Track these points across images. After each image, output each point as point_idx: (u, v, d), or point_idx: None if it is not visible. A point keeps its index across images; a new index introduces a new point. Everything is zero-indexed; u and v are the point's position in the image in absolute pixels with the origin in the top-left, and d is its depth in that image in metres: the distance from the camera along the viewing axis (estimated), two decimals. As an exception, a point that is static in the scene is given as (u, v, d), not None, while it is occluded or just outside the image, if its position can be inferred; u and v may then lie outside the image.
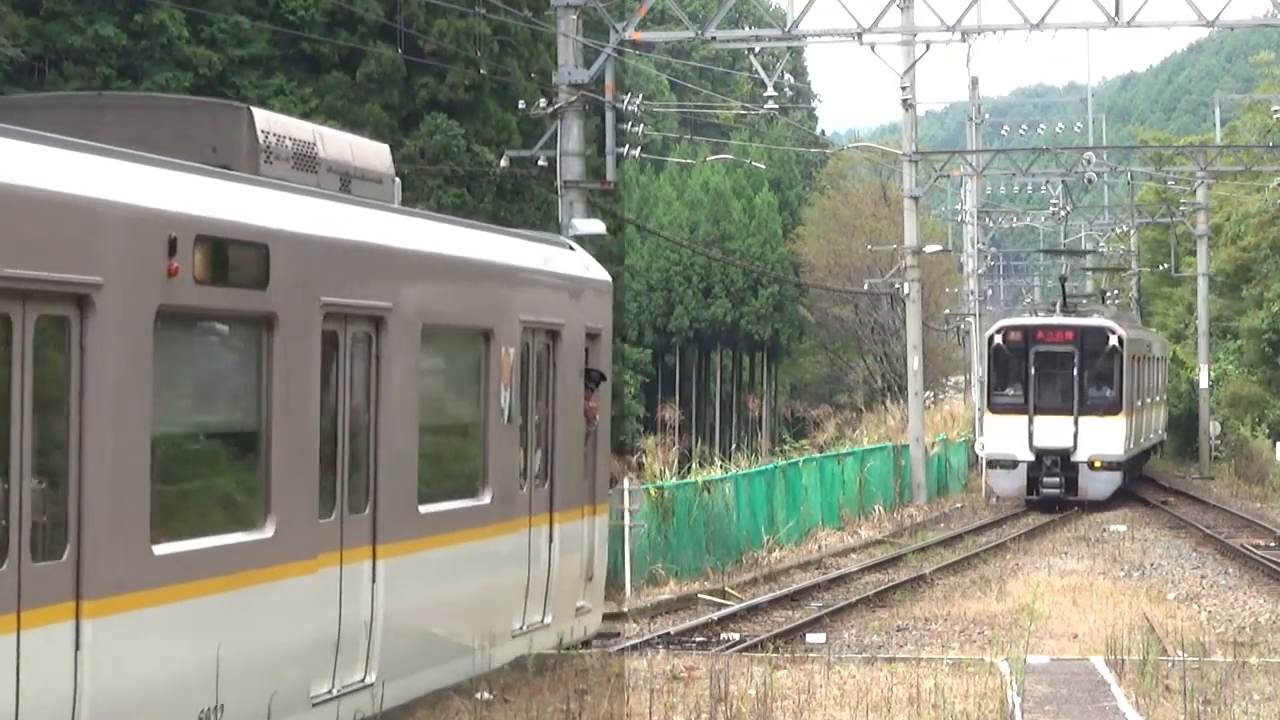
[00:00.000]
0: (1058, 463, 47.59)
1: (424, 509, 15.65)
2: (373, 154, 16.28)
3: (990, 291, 60.69)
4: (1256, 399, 70.81)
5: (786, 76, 42.15)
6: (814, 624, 27.70)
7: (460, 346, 17.16)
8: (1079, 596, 29.96)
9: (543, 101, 31.77)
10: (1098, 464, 47.49)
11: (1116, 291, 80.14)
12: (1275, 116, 61.46)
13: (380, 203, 15.90)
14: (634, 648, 24.13)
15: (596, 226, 30.19)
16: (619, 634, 26.41)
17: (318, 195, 14.74)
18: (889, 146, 74.74)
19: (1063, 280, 57.53)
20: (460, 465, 17.17)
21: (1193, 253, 72.73)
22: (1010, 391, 48.45)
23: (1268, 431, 65.77)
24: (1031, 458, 47.68)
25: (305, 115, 73.14)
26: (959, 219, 68.19)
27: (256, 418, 13.34)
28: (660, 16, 69.41)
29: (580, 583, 19.92)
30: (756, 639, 25.39)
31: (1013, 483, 48.24)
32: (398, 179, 16.97)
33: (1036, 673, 20.26)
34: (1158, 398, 58.77)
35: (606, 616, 28.16)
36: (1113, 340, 48.09)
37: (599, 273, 20.71)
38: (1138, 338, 52.81)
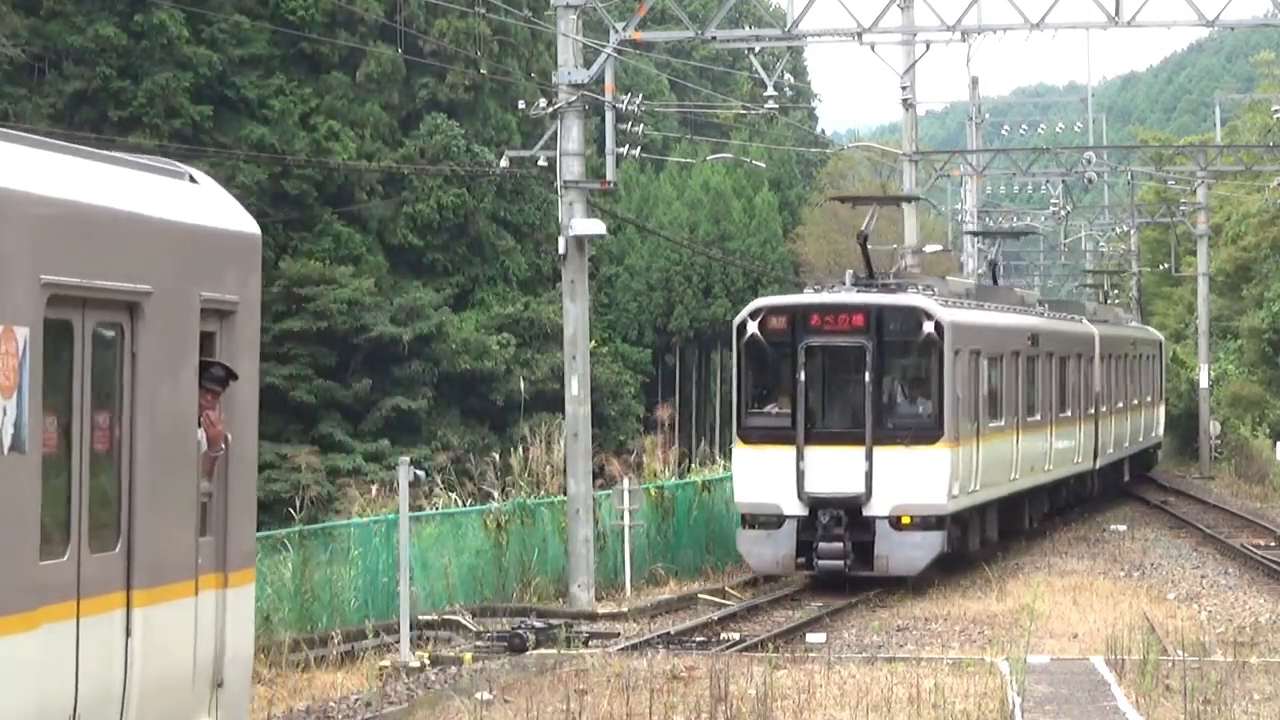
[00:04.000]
0: (841, 519, 30.73)
1: None
2: None
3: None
4: (1256, 399, 70.78)
5: (786, 76, 42.13)
6: (814, 624, 27.71)
7: None
8: (1079, 596, 29.97)
9: (542, 101, 31.77)
10: (905, 520, 30.79)
11: (1117, 291, 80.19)
12: (1275, 116, 61.46)
13: None
14: (634, 648, 24.14)
15: (596, 227, 30.22)
16: (619, 634, 26.45)
17: None
18: (889, 146, 74.71)
19: (862, 239, 34.87)
20: None
21: (1193, 253, 72.72)
22: (771, 409, 31.87)
23: (1268, 431, 65.73)
24: (803, 511, 30.92)
25: (305, 115, 73.09)
26: (959, 219, 68.19)
27: None
28: (660, 16, 69.39)
29: (199, 692, 13.18)
30: (756, 639, 25.42)
31: (774, 550, 31.22)
32: None
33: (1036, 672, 20.28)
34: (1065, 412, 41.18)
35: (605, 617, 28.25)
36: (928, 327, 31.34)
37: (237, 219, 13.77)
38: (985, 323, 35.82)
